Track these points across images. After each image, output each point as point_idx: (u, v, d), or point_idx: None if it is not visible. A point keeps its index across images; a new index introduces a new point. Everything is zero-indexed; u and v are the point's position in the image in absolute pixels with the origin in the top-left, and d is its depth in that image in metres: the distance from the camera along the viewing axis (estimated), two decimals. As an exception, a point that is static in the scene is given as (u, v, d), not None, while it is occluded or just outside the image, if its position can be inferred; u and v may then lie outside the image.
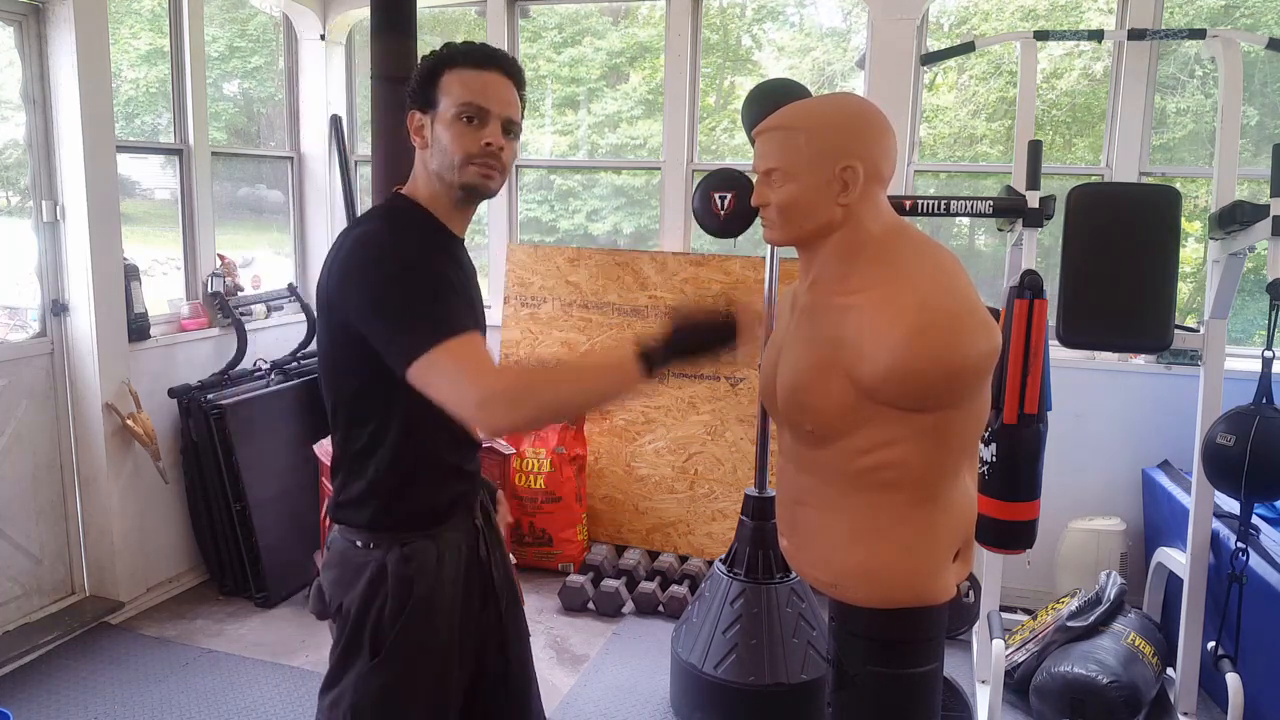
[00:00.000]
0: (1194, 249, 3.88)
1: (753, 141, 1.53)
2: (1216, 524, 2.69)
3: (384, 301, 1.33)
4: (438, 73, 1.43)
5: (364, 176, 4.50)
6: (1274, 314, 2.35)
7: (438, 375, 1.27)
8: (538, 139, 4.90)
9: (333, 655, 1.47)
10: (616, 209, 5.07)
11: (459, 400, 1.27)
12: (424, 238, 1.43)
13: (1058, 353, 2.75)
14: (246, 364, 3.79)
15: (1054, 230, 2.91)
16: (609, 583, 3.52)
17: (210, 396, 3.50)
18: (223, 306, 3.76)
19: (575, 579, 3.54)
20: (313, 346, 4.03)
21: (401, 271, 1.33)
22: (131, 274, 3.34)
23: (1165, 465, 3.33)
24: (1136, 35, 2.88)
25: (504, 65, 1.45)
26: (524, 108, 1.50)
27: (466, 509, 1.54)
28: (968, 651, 3.13)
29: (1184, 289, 3.92)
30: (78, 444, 3.28)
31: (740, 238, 2.89)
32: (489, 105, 1.41)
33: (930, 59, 3.24)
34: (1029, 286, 2.29)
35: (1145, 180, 3.46)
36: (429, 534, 1.46)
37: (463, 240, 1.54)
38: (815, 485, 1.47)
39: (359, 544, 1.45)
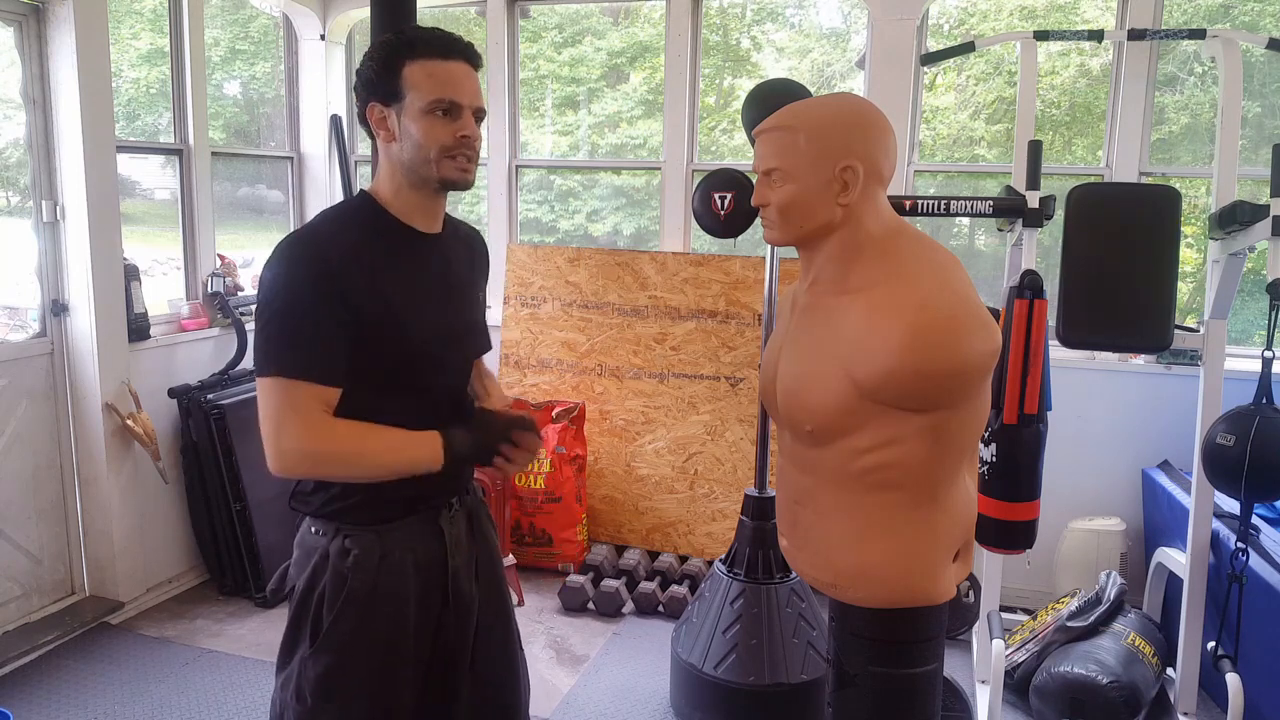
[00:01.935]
0: (1193, 250, 3.88)
1: (753, 142, 1.53)
2: (1216, 524, 2.70)
3: (260, 307, 1.37)
4: (398, 64, 1.39)
5: (364, 176, 4.51)
6: (1274, 314, 2.34)
7: (263, 403, 1.34)
8: (538, 139, 4.90)
9: (284, 634, 1.50)
10: (616, 209, 5.07)
11: (266, 437, 1.34)
12: (358, 242, 1.39)
13: (1058, 353, 2.75)
14: (246, 364, 3.80)
15: (1054, 230, 2.91)
16: (609, 583, 3.52)
17: (210, 396, 3.50)
18: (223, 306, 3.76)
19: (575, 579, 3.54)
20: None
21: (283, 286, 1.34)
22: (131, 274, 3.34)
23: (1165, 465, 3.33)
24: (1136, 35, 2.88)
25: (469, 54, 1.43)
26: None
27: (428, 511, 1.50)
28: (968, 651, 3.14)
29: (1184, 289, 3.93)
30: (78, 444, 3.28)
31: (740, 238, 2.89)
32: (461, 98, 1.39)
33: (930, 59, 3.24)
34: (1029, 286, 2.29)
35: (1145, 180, 3.46)
36: (374, 530, 1.45)
37: (436, 234, 1.50)
38: (815, 485, 1.47)
39: (313, 530, 1.49)
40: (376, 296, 1.37)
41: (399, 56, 1.39)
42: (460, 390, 1.59)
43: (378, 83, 1.41)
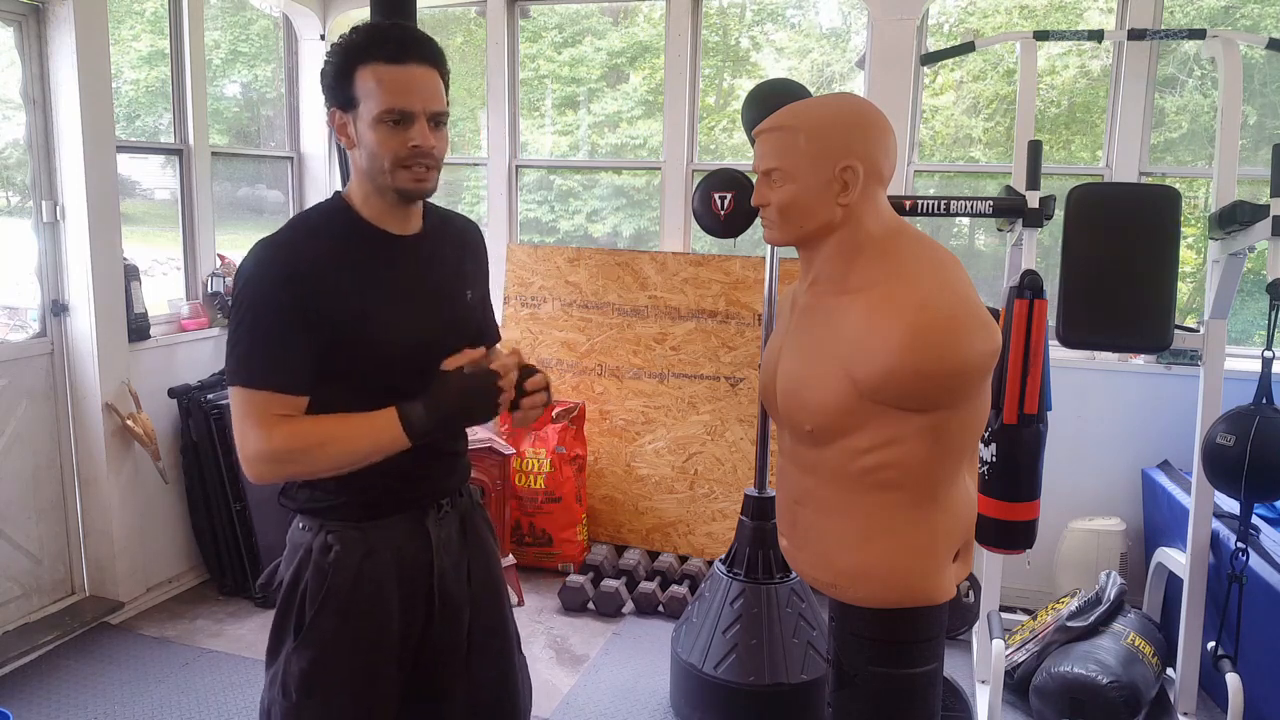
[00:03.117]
0: (1193, 249, 3.88)
1: (753, 142, 1.53)
2: (1216, 524, 2.70)
3: (230, 313, 1.39)
4: (351, 68, 1.34)
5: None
6: (1274, 314, 2.34)
7: (233, 412, 1.37)
8: (538, 139, 4.90)
9: (271, 629, 1.50)
10: (616, 209, 5.06)
11: (237, 444, 1.36)
12: (329, 247, 1.38)
13: (1058, 353, 2.75)
14: (246, 364, 3.79)
15: (1054, 230, 2.91)
16: (609, 583, 3.52)
17: (210, 396, 3.50)
18: (223, 306, 3.76)
19: (575, 579, 3.54)
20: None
21: (249, 294, 1.35)
22: (131, 274, 3.34)
23: (1165, 465, 3.33)
24: (1136, 35, 2.88)
25: (422, 53, 1.35)
26: (448, 87, 1.42)
27: (414, 510, 1.49)
28: (968, 651, 3.14)
29: (1184, 289, 3.92)
30: (78, 444, 3.28)
31: (740, 238, 2.89)
32: (413, 105, 1.33)
33: (930, 59, 3.24)
34: (1029, 286, 2.29)
35: (1145, 180, 3.46)
36: (358, 527, 1.44)
37: (412, 237, 1.47)
38: (815, 485, 1.47)
39: (300, 525, 1.49)
40: (346, 302, 1.36)
41: (351, 60, 1.35)
42: None
43: (335, 88, 1.37)
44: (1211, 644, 2.52)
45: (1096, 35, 2.91)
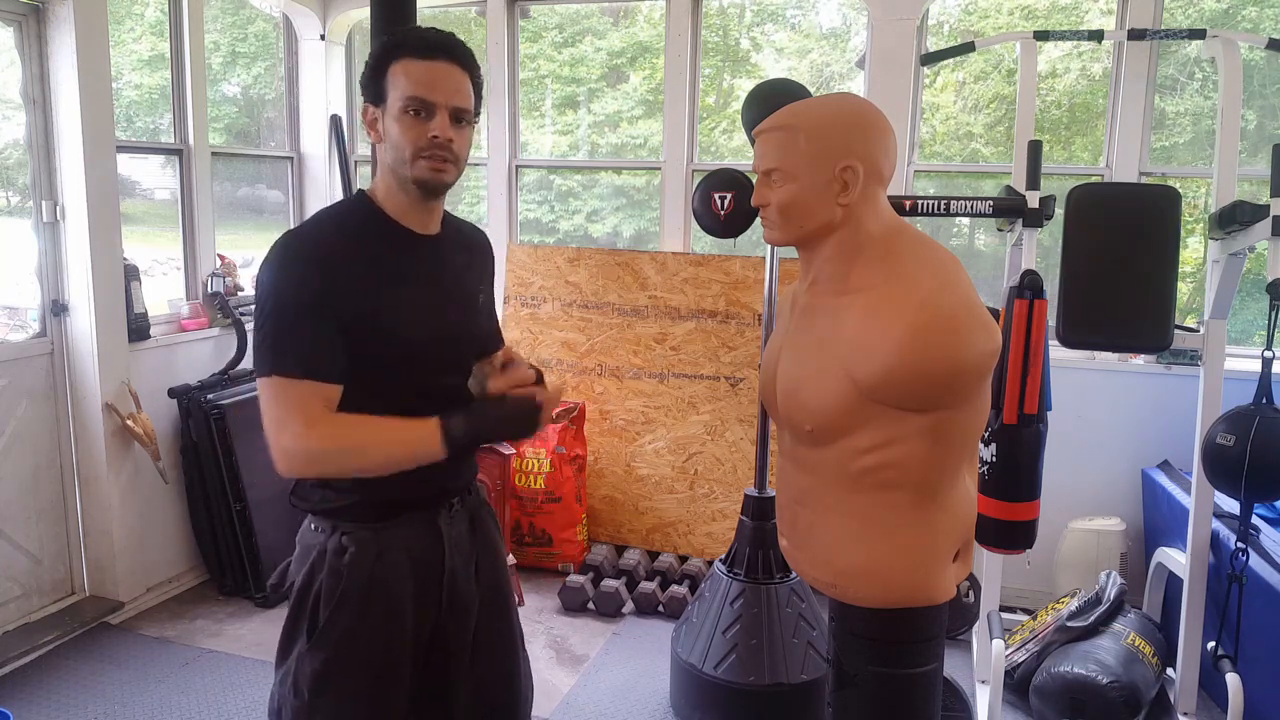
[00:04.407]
0: (1194, 249, 3.88)
1: (753, 142, 1.53)
2: (1216, 524, 2.70)
3: (256, 307, 1.39)
4: (385, 64, 1.40)
5: (364, 177, 4.51)
6: (1274, 314, 2.35)
7: (264, 403, 1.36)
8: (538, 139, 4.90)
9: (283, 629, 1.51)
10: (616, 209, 5.06)
11: (269, 437, 1.35)
12: (351, 242, 1.40)
13: (1058, 353, 2.75)
14: (246, 364, 3.80)
15: (1054, 230, 2.92)
16: (609, 583, 3.52)
17: (210, 396, 3.51)
18: (223, 306, 3.76)
19: (575, 579, 3.54)
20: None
21: (276, 286, 1.35)
22: (131, 274, 3.34)
23: (1165, 465, 3.33)
24: (1136, 35, 2.88)
25: (451, 53, 1.41)
26: (479, 94, 1.47)
27: (426, 510, 1.50)
28: (968, 651, 3.14)
29: (1184, 289, 3.92)
30: (78, 444, 3.28)
31: (740, 238, 2.89)
32: (434, 97, 1.38)
33: (930, 59, 3.23)
34: (1029, 286, 2.29)
35: (1145, 180, 3.46)
36: (371, 528, 1.45)
37: (432, 236, 1.49)
38: (815, 485, 1.47)
39: (312, 526, 1.50)
40: (367, 297, 1.38)
41: (386, 57, 1.40)
42: (460, 392, 1.58)
43: (369, 84, 1.43)
44: (1211, 644, 2.52)
45: (1096, 35, 2.91)
